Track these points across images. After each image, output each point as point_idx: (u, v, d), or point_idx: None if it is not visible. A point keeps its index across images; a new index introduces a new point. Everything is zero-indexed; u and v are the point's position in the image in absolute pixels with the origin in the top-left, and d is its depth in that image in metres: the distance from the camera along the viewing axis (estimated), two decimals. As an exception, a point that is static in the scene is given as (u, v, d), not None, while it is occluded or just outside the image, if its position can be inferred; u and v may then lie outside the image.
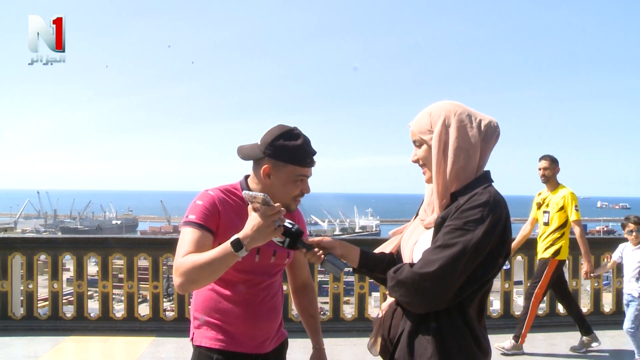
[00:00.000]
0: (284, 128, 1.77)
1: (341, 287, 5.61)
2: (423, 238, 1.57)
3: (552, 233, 4.75)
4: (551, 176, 4.81)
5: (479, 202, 1.45)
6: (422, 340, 1.48)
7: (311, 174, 1.81)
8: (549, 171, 4.79)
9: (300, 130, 1.80)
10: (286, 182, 1.77)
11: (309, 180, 1.83)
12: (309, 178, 1.82)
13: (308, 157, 1.76)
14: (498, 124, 1.59)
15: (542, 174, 4.82)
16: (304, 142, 1.76)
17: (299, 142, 1.75)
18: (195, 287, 1.73)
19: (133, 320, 5.39)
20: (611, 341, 5.17)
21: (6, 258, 5.40)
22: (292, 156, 1.74)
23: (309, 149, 1.77)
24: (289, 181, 1.77)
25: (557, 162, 4.83)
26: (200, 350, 1.82)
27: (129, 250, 5.48)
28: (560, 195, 4.74)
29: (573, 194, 4.72)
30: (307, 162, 1.76)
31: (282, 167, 1.75)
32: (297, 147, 1.74)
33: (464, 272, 1.43)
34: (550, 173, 4.79)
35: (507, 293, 5.63)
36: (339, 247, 1.65)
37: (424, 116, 1.60)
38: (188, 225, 1.73)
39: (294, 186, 1.78)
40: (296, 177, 1.77)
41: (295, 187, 1.78)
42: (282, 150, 1.73)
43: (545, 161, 4.81)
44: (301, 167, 1.76)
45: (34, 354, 4.69)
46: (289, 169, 1.75)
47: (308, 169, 1.79)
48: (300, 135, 1.77)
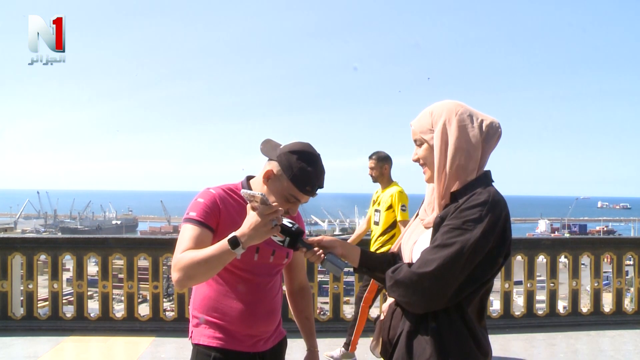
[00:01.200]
0: (308, 148, 1.77)
1: (341, 287, 5.61)
2: (423, 238, 1.57)
3: (381, 235, 4.57)
4: (379, 175, 4.63)
5: (477, 202, 1.45)
6: (420, 340, 1.48)
7: (305, 201, 1.80)
8: (376, 171, 4.62)
9: (321, 159, 1.79)
10: (278, 194, 1.77)
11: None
12: (301, 204, 1.81)
13: (309, 185, 1.75)
14: (500, 124, 1.59)
15: (370, 173, 4.67)
16: (315, 170, 1.75)
17: (310, 169, 1.74)
18: (193, 282, 1.73)
19: (133, 321, 5.39)
20: (611, 341, 5.17)
21: (6, 258, 5.40)
22: (296, 176, 1.73)
23: (315, 179, 1.76)
24: (281, 195, 1.77)
25: (387, 159, 4.64)
26: (199, 348, 1.83)
27: (129, 250, 5.48)
28: (389, 194, 4.55)
29: (402, 193, 4.51)
30: (305, 189, 1.75)
31: (283, 179, 1.75)
32: (305, 170, 1.73)
33: (463, 271, 1.42)
34: (377, 172, 4.63)
35: (507, 293, 5.63)
36: (340, 246, 1.65)
37: (425, 115, 1.60)
38: (188, 222, 1.74)
39: (284, 201, 1.78)
40: (289, 195, 1.77)
41: (284, 203, 1.78)
42: (291, 166, 1.74)
43: (371, 160, 4.65)
44: (298, 190, 1.75)
45: (34, 354, 4.69)
46: (287, 184, 1.75)
47: (304, 196, 1.77)
48: (316, 163, 1.77)
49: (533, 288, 5.67)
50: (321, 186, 1.79)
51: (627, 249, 5.85)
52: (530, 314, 5.65)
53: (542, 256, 5.66)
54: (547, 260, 5.67)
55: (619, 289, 5.77)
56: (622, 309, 5.78)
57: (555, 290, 5.70)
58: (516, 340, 5.17)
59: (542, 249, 5.74)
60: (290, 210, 1.80)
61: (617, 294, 5.77)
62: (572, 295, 5.70)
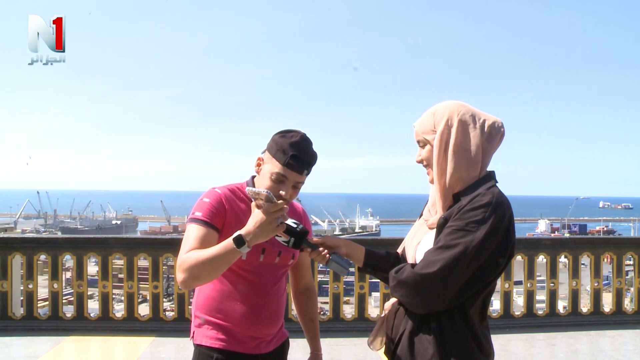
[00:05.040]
0: (293, 130, 1.76)
1: (341, 287, 5.60)
2: (426, 238, 1.57)
3: None
4: None
5: (481, 203, 1.44)
6: (423, 340, 1.48)
7: (293, 179, 1.71)
8: None
9: (307, 138, 1.75)
10: (265, 176, 1.74)
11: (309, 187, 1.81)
12: (295, 185, 1.73)
13: (291, 157, 1.68)
14: (503, 124, 1.58)
15: None
16: (294, 142, 1.70)
17: (289, 140, 1.70)
18: (198, 283, 1.72)
19: (133, 320, 5.39)
20: (611, 341, 5.17)
21: (6, 258, 5.39)
22: (276, 151, 1.71)
23: (296, 150, 1.69)
24: (266, 176, 1.73)
25: None
26: (201, 349, 1.82)
27: (129, 250, 5.48)
28: None
29: None
30: (287, 161, 1.68)
31: (268, 159, 1.74)
32: (284, 143, 1.70)
33: (466, 273, 1.42)
34: None
35: (507, 293, 5.63)
36: (344, 246, 1.65)
37: (427, 116, 1.60)
38: (194, 222, 1.72)
39: (271, 183, 1.71)
40: (274, 174, 1.70)
41: (274, 186, 1.70)
42: (272, 142, 1.74)
43: None
44: (281, 165, 1.69)
45: (34, 354, 4.68)
46: (271, 163, 1.72)
47: (288, 170, 1.69)
48: (296, 136, 1.72)
49: (533, 288, 5.67)
50: (306, 160, 1.71)
51: (627, 249, 5.85)
52: (530, 314, 5.65)
53: (542, 256, 5.66)
54: (547, 260, 5.67)
55: (619, 289, 5.77)
56: (622, 309, 5.77)
57: (555, 290, 5.70)
58: (516, 340, 5.17)
59: (542, 248, 5.73)
60: (283, 191, 1.69)
61: (617, 294, 5.77)
62: (572, 295, 5.70)
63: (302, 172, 1.72)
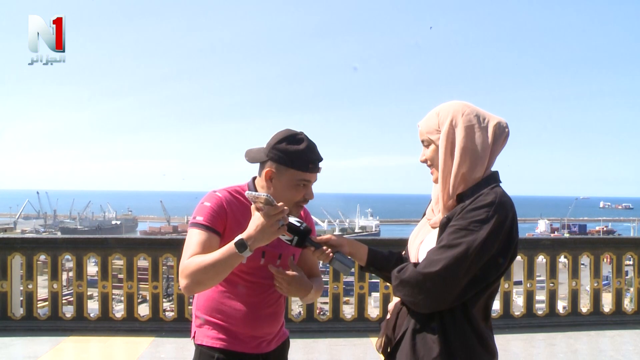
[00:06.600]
0: (289, 132, 1.75)
1: (341, 287, 5.60)
2: (429, 237, 1.57)
3: None
4: None
5: (484, 203, 1.44)
6: (425, 340, 1.48)
7: (315, 179, 1.77)
8: None
9: (307, 135, 1.77)
10: (287, 187, 1.74)
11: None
12: (314, 184, 1.78)
13: (310, 162, 1.72)
14: (507, 124, 1.58)
15: None
16: (307, 147, 1.72)
17: (302, 147, 1.71)
18: (201, 288, 1.72)
19: (133, 321, 5.39)
20: (611, 341, 5.17)
21: (6, 258, 5.39)
22: (293, 160, 1.70)
23: (311, 154, 1.73)
24: (290, 185, 1.73)
25: None
26: (202, 349, 1.82)
27: (128, 250, 5.47)
28: None
29: None
30: (308, 167, 1.72)
31: (283, 171, 1.72)
32: (299, 151, 1.71)
33: (468, 272, 1.42)
34: None
35: (507, 293, 5.63)
36: (347, 245, 1.66)
37: (432, 116, 1.60)
38: (195, 226, 1.71)
39: (296, 191, 1.74)
40: (297, 181, 1.73)
41: (297, 192, 1.74)
42: (284, 154, 1.71)
43: None
44: (302, 172, 1.72)
45: (34, 354, 4.68)
46: (290, 173, 1.72)
47: (310, 174, 1.74)
48: (304, 140, 1.74)
49: (533, 288, 5.67)
50: (320, 158, 1.76)
51: (627, 249, 5.85)
52: (529, 314, 5.65)
53: (542, 256, 5.66)
54: (546, 260, 5.67)
55: (618, 289, 5.77)
56: (621, 309, 5.78)
57: (554, 290, 5.70)
58: (516, 340, 5.17)
59: (541, 249, 5.73)
60: (307, 195, 1.76)
61: (617, 294, 5.77)
62: (571, 295, 5.70)
63: (319, 170, 1.78)
